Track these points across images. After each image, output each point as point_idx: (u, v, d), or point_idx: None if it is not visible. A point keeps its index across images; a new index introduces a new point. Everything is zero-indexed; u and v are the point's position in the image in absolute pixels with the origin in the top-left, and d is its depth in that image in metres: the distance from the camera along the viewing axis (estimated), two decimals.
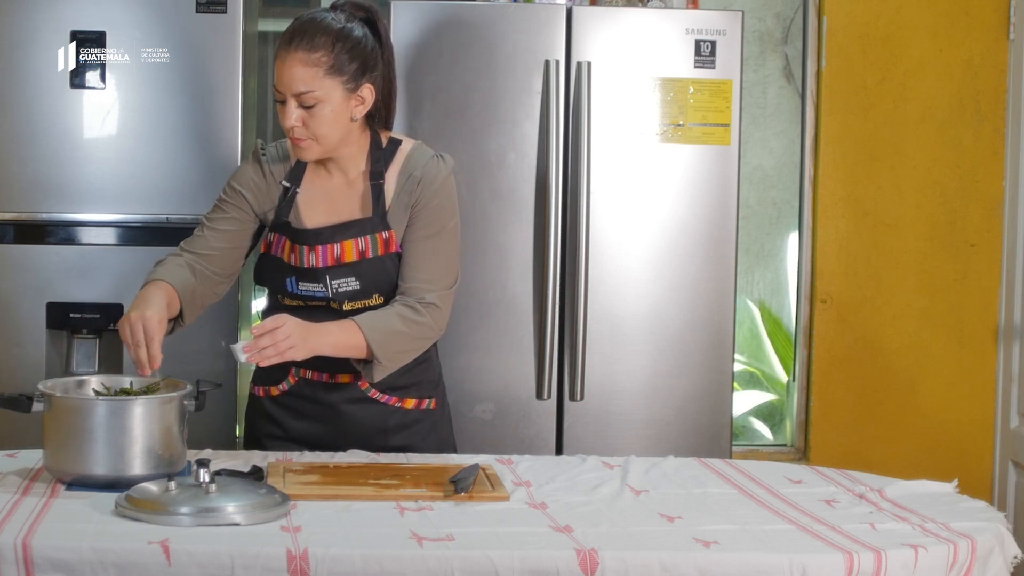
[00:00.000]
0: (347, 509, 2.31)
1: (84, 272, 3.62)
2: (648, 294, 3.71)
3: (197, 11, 3.61)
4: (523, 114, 3.68)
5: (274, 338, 2.55)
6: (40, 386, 2.45)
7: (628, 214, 3.71)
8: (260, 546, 2.06)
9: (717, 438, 3.74)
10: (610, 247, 3.71)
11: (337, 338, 2.67)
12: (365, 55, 2.74)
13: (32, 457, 2.58)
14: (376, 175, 2.80)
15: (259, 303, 3.77)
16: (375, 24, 2.80)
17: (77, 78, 3.61)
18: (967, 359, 4.39)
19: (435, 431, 2.95)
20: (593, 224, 3.68)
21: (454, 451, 3.03)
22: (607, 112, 3.69)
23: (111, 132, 3.63)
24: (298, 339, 2.58)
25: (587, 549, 2.10)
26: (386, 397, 2.87)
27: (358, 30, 2.75)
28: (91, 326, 3.62)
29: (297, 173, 2.84)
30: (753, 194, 4.71)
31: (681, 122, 3.70)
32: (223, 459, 2.64)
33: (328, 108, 2.70)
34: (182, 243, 2.87)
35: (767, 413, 4.81)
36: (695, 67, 3.69)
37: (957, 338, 4.39)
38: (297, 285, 2.80)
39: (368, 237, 2.78)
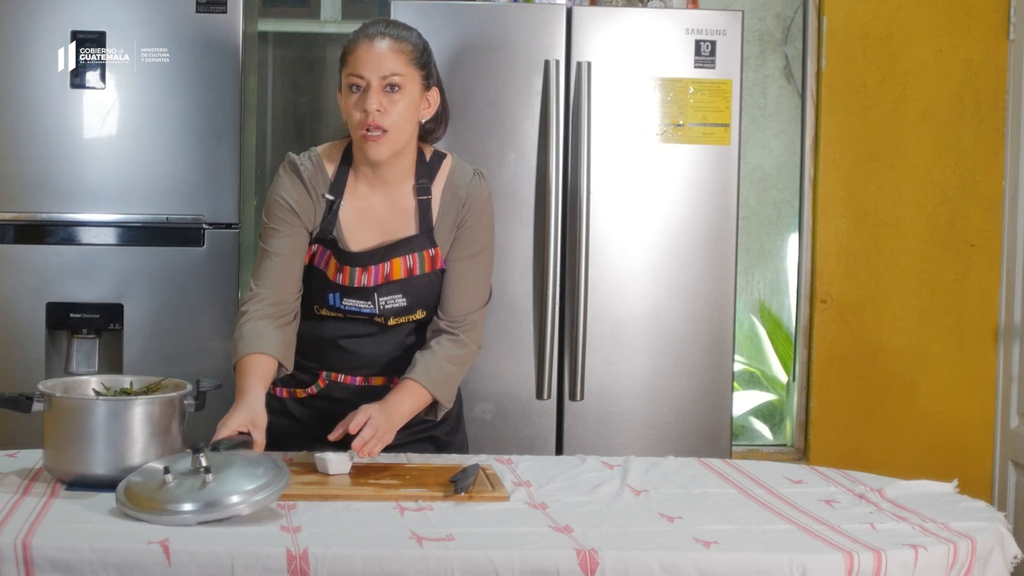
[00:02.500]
0: (347, 509, 2.31)
1: (84, 272, 3.62)
2: (648, 294, 3.72)
3: (197, 11, 3.61)
4: (523, 114, 3.68)
5: (376, 432, 2.61)
6: (40, 386, 2.45)
7: (628, 214, 3.71)
8: (260, 546, 2.06)
9: (717, 438, 3.74)
10: (610, 247, 3.71)
11: (411, 407, 2.76)
12: (434, 63, 2.84)
13: (32, 457, 2.58)
14: (423, 190, 2.82)
15: None
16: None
17: (77, 78, 3.61)
18: (967, 359, 4.39)
19: (454, 424, 3.00)
20: (593, 224, 3.68)
21: (467, 448, 3.06)
22: (607, 112, 3.69)
23: (111, 132, 3.63)
24: (385, 423, 2.65)
25: (587, 549, 2.10)
26: None
27: (425, 44, 2.83)
28: (91, 326, 3.62)
29: (338, 187, 2.81)
30: (753, 194, 4.71)
31: (681, 122, 3.70)
32: None
33: (408, 97, 2.74)
34: (253, 279, 2.81)
35: (767, 413, 4.81)
36: (695, 67, 3.69)
37: (957, 338, 4.39)
38: (341, 301, 2.80)
39: (416, 255, 2.80)
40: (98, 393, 2.52)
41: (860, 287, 4.36)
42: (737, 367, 4.44)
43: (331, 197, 2.79)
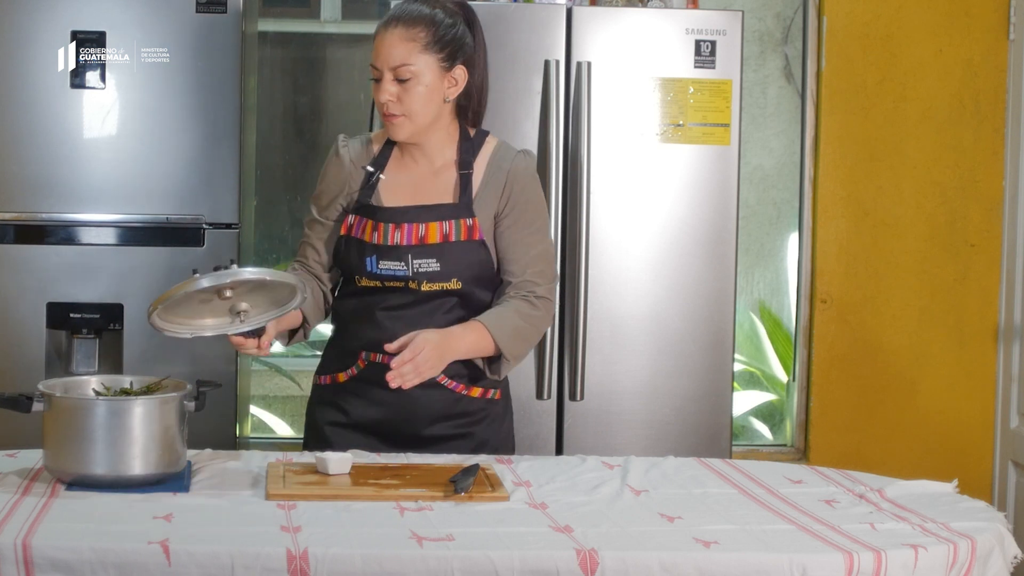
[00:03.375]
0: (347, 509, 2.31)
1: (84, 272, 3.62)
2: (648, 294, 3.72)
3: (197, 11, 3.61)
4: (523, 114, 3.68)
5: (415, 362, 2.63)
6: (40, 386, 2.45)
7: (628, 214, 3.71)
8: (260, 546, 2.06)
9: (717, 438, 3.74)
10: (610, 247, 3.71)
11: (470, 343, 2.77)
12: (460, 40, 2.84)
13: (32, 457, 2.57)
14: (465, 164, 2.87)
15: None
16: (471, 21, 2.90)
17: (77, 78, 3.61)
18: (967, 359, 4.39)
19: (499, 422, 2.97)
20: (593, 224, 3.68)
21: (513, 449, 3.03)
22: (607, 112, 3.69)
23: (111, 132, 3.63)
24: (435, 355, 2.67)
25: (587, 549, 2.10)
26: (454, 384, 2.88)
27: (453, 18, 2.85)
28: (91, 326, 3.62)
29: (382, 160, 2.90)
30: (753, 194, 4.71)
31: (681, 122, 3.70)
32: (223, 459, 2.64)
33: (422, 85, 2.78)
34: (298, 251, 3.01)
35: (767, 413, 4.81)
36: (695, 67, 3.69)
37: (957, 338, 4.39)
38: (377, 264, 2.83)
39: (452, 222, 2.83)
40: (98, 393, 2.52)
41: (860, 287, 4.36)
42: (737, 367, 4.44)
43: (372, 169, 2.88)
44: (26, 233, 3.63)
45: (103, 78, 3.62)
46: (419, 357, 2.64)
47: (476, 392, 2.91)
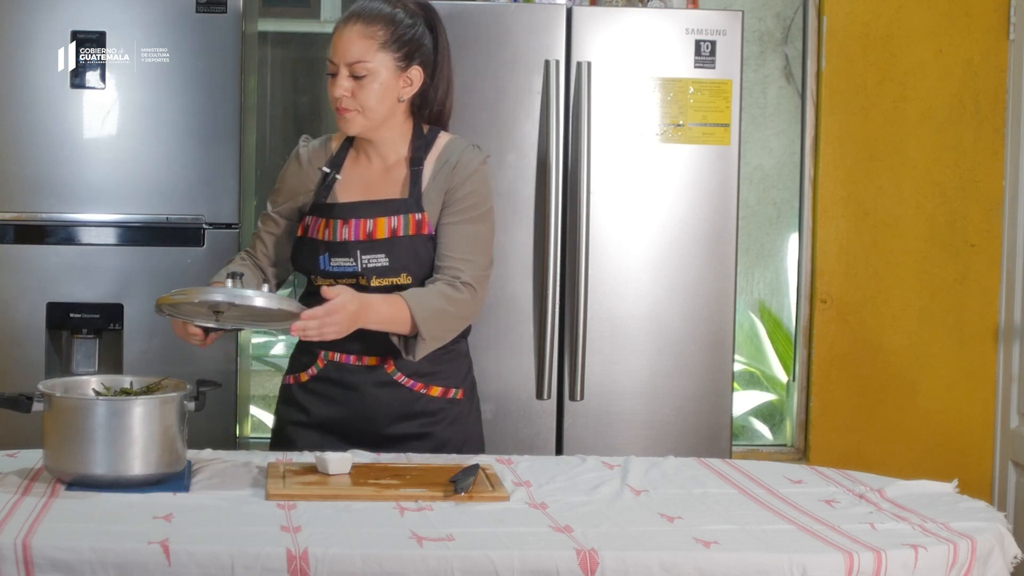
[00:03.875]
0: (347, 509, 2.31)
1: (84, 272, 3.62)
2: (648, 294, 3.72)
3: (197, 11, 3.61)
4: (523, 114, 3.68)
5: (322, 321, 2.62)
6: (40, 386, 2.45)
7: (628, 214, 3.71)
8: (260, 546, 2.06)
9: (717, 438, 3.74)
10: (610, 247, 3.71)
11: (385, 315, 2.74)
12: (416, 40, 2.88)
13: (32, 457, 2.58)
14: (416, 161, 2.90)
15: None
16: (433, 24, 2.94)
17: (77, 78, 3.61)
18: (967, 359, 4.39)
19: (460, 422, 2.97)
20: (593, 224, 3.68)
21: (482, 448, 3.04)
22: (607, 112, 3.69)
23: (111, 132, 3.63)
24: (345, 322, 2.65)
25: (587, 549, 2.10)
26: (412, 382, 2.89)
27: (413, 19, 2.89)
28: (91, 326, 3.62)
29: (338, 160, 2.95)
30: (753, 194, 4.71)
31: (681, 122, 3.70)
32: (223, 459, 2.64)
33: (377, 82, 2.82)
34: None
35: (767, 413, 4.81)
36: (695, 67, 3.69)
37: (957, 338, 4.39)
38: (329, 261, 2.86)
39: (401, 216, 2.85)
40: (98, 393, 2.52)
41: (860, 287, 4.36)
42: (737, 367, 4.44)
43: (327, 169, 2.93)
44: (26, 233, 3.63)
45: (103, 78, 3.62)
46: (328, 318, 2.62)
47: (436, 391, 2.92)
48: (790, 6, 4.63)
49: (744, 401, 4.77)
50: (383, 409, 2.89)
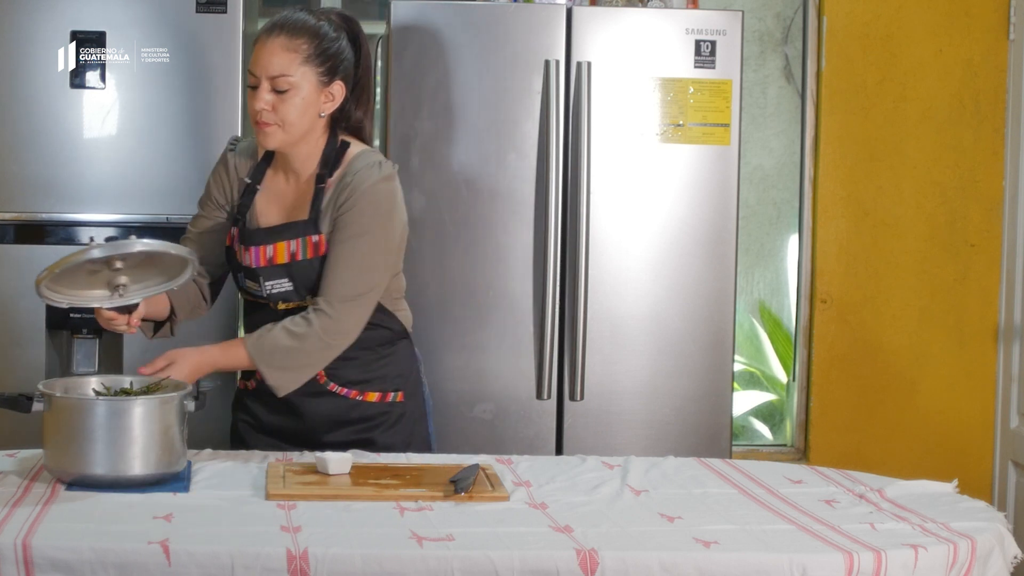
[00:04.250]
0: (347, 509, 2.31)
1: None
2: (648, 294, 3.72)
3: (197, 11, 3.61)
4: (523, 114, 3.68)
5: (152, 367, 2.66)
6: (40, 386, 2.45)
7: (628, 214, 3.71)
8: (260, 546, 2.06)
9: (717, 438, 3.74)
10: (610, 247, 3.71)
11: (224, 361, 2.77)
12: (340, 56, 2.83)
13: (32, 457, 2.58)
14: (321, 179, 2.84)
15: None
16: (356, 37, 2.89)
17: (77, 78, 3.61)
18: (967, 359, 4.39)
19: (402, 425, 2.95)
20: (593, 224, 3.68)
21: (428, 448, 3.03)
22: (607, 112, 3.69)
23: (111, 132, 3.63)
24: (181, 372, 2.67)
25: (587, 549, 2.10)
26: (345, 391, 2.89)
27: (337, 32, 2.84)
28: (91, 326, 3.61)
29: (260, 170, 2.92)
30: (753, 194, 4.71)
31: (681, 122, 3.70)
32: (223, 459, 2.64)
33: (299, 96, 2.77)
34: None
35: (767, 413, 4.81)
36: (695, 67, 3.69)
37: (957, 338, 4.39)
38: (245, 281, 2.88)
39: (299, 240, 2.82)
40: (98, 393, 2.52)
41: (860, 287, 4.36)
42: (737, 367, 4.44)
43: (248, 180, 2.90)
44: (26, 233, 3.63)
45: (103, 78, 3.62)
46: (163, 372, 2.64)
47: (373, 396, 2.92)
48: (790, 6, 4.63)
49: (744, 401, 4.76)
50: (320, 418, 2.89)
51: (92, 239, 2.50)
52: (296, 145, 2.83)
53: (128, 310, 2.64)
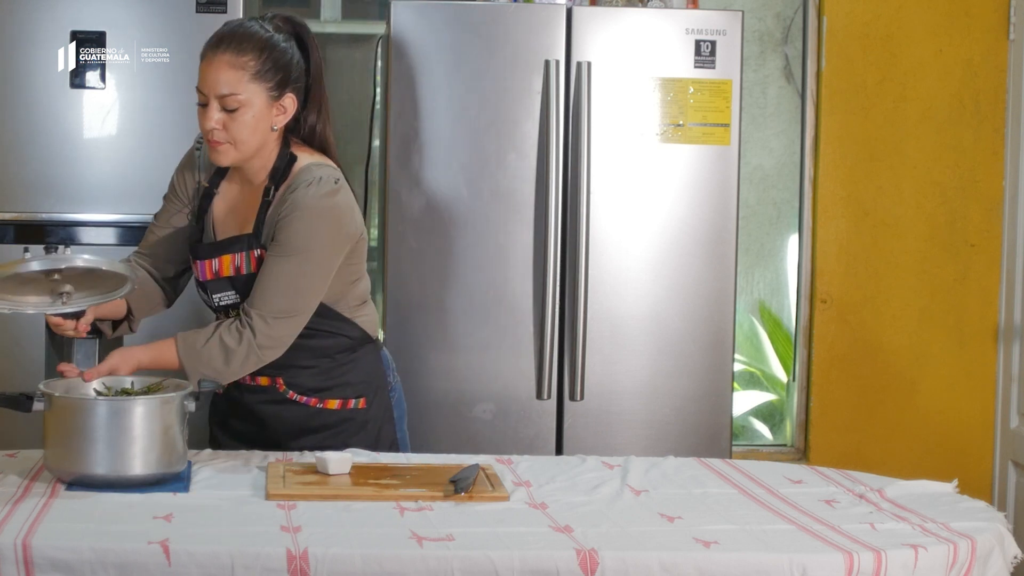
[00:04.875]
0: (347, 509, 2.31)
1: None
2: (648, 294, 3.72)
3: (197, 11, 3.61)
4: (523, 114, 3.68)
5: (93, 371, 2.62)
6: (41, 386, 2.45)
7: (628, 214, 3.71)
8: (260, 546, 2.06)
9: (717, 438, 3.74)
10: (610, 247, 3.71)
11: (152, 358, 2.70)
12: (290, 66, 2.75)
13: (32, 457, 2.58)
14: (267, 191, 2.79)
15: None
16: (303, 41, 2.81)
17: (77, 78, 3.61)
18: (967, 359, 4.39)
19: (367, 430, 2.92)
20: (593, 224, 3.68)
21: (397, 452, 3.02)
22: (607, 112, 3.69)
23: (111, 132, 3.63)
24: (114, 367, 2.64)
25: (587, 549, 2.10)
26: (305, 399, 2.87)
27: (285, 42, 2.76)
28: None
29: (218, 177, 2.88)
30: (753, 194, 4.71)
31: (681, 122, 3.70)
32: (223, 459, 2.64)
33: (250, 113, 2.70)
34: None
35: (767, 413, 4.81)
36: (695, 67, 3.69)
37: (957, 338, 4.39)
38: (202, 293, 2.86)
39: (243, 253, 2.79)
40: (99, 393, 2.52)
41: (860, 287, 4.36)
42: (737, 367, 4.44)
43: (207, 184, 2.87)
44: (26, 233, 3.63)
45: (103, 78, 3.62)
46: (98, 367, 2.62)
47: (333, 404, 2.89)
48: (790, 6, 4.63)
49: (744, 401, 4.76)
50: (283, 426, 2.87)
51: (27, 250, 2.47)
52: (250, 160, 2.78)
53: (76, 316, 2.63)
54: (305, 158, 2.80)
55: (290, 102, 2.76)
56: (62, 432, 2.40)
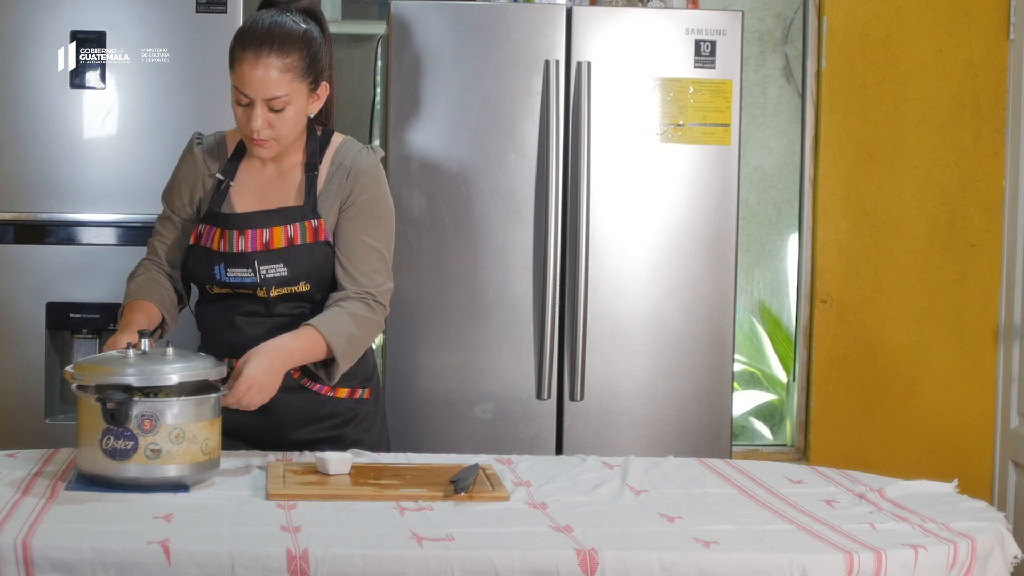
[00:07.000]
0: (347, 509, 2.31)
1: (84, 272, 3.62)
2: (648, 294, 3.72)
3: (197, 11, 3.61)
4: (523, 114, 3.68)
5: (239, 403, 2.59)
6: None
7: (628, 214, 3.71)
8: (260, 546, 2.06)
9: (717, 438, 3.74)
10: (610, 247, 3.71)
11: (303, 354, 2.72)
12: (322, 56, 2.80)
13: (32, 457, 2.58)
14: (311, 166, 2.83)
15: None
16: (320, 21, 2.85)
17: (77, 78, 3.61)
18: (967, 359, 4.39)
19: (367, 423, 2.95)
20: (593, 224, 3.68)
21: (388, 448, 3.03)
22: (607, 112, 3.69)
23: (111, 132, 3.63)
24: (261, 393, 2.61)
25: (587, 549, 2.10)
26: (318, 387, 2.87)
27: (314, 30, 2.80)
28: (91, 326, 3.62)
29: (232, 167, 2.87)
30: (753, 194, 4.71)
31: (681, 122, 3.70)
32: (223, 459, 2.64)
33: (294, 110, 2.75)
34: (148, 248, 2.97)
35: (767, 413, 4.81)
36: (695, 67, 3.69)
37: (957, 338, 4.39)
38: (226, 272, 2.81)
39: (298, 224, 2.80)
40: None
41: (860, 287, 4.36)
42: (737, 367, 4.44)
43: (221, 177, 2.86)
44: (26, 233, 3.63)
45: (103, 78, 3.62)
46: (243, 400, 2.59)
47: (343, 393, 2.90)
48: (790, 6, 4.63)
49: (744, 401, 4.77)
50: (293, 415, 2.86)
51: (130, 347, 2.46)
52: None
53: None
54: (338, 135, 2.90)
55: (324, 90, 2.82)
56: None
